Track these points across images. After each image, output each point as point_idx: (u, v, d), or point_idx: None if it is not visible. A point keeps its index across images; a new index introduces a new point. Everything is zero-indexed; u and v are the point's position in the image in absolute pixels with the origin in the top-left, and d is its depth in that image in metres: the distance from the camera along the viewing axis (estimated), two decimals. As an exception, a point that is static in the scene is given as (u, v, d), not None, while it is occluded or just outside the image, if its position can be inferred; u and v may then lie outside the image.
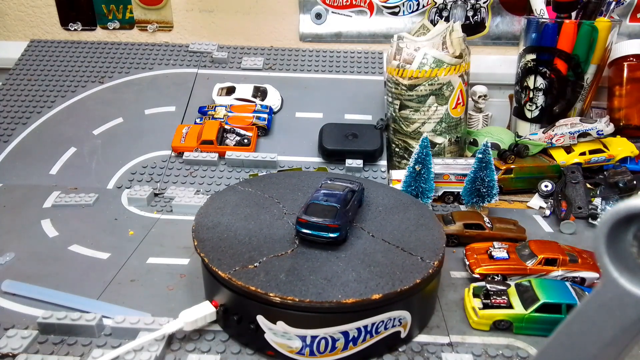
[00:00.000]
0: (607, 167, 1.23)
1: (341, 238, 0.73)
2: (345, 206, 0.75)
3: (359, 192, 0.84)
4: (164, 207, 1.10)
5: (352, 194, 0.80)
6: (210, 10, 1.58)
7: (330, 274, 0.67)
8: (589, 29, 1.25)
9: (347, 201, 0.77)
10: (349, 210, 0.76)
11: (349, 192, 0.79)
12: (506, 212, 1.12)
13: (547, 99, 1.35)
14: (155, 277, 0.86)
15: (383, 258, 0.71)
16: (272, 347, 0.68)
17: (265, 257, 0.71)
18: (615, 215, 0.31)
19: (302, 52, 1.57)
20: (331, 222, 0.71)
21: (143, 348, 0.67)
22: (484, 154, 1.01)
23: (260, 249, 0.73)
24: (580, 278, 0.83)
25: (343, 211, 0.74)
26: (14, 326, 0.73)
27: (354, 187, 0.82)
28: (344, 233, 0.73)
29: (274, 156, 1.21)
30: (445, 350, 0.71)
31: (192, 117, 1.35)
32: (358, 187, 0.84)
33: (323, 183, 0.83)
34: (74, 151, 1.26)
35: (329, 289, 0.65)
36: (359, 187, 0.84)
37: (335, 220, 0.72)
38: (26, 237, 0.97)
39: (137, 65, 1.49)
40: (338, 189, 0.79)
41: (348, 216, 0.75)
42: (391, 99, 1.25)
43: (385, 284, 0.66)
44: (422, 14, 1.54)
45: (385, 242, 0.75)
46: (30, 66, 1.48)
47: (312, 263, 0.70)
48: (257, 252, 0.72)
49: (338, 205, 0.74)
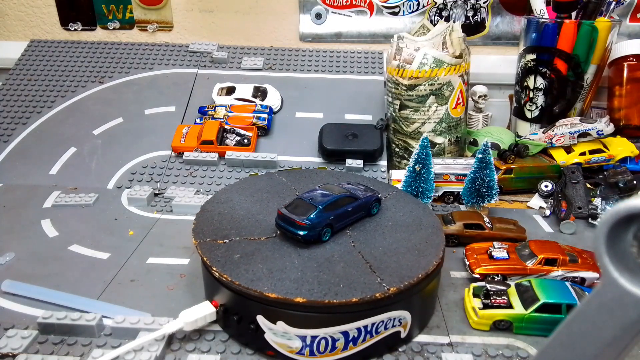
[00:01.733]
0: (607, 167, 1.23)
1: (309, 238, 0.72)
2: (332, 209, 0.74)
3: (364, 201, 0.80)
4: (164, 207, 1.10)
5: (349, 200, 0.78)
6: (210, 10, 1.58)
7: (276, 268, 0.69)
8: (589, 29, 1.25)
9: (335, 205, 0.75)
10: (335, 214, 0.75)
11: (345, 197, 0.77)
12: (506, 212, 1.12)
13: (547, 99, 1.35)
14: (155, 277, 0.86)
15: (341, 269, 0.69)
16: (272, 347, 0.68)
17: (238, 237, 0.75)
18: (615, 215, 0.31)
19: (302, 52, 1.57)
20: (301, 220, 0.72)
21: (143, 348, 0.67)
22: (484, 154, 1.01)
23: (241, 230, 0.77)
24: (580, 278, 0.83)
25: (323, 213, 0.73)
26: (14, 326, 0.73)
27: (359, 194, 0.80)
28: (313, 234, 0.72)
29: (274, 156, 1.21)
30: (445, 350, 0.71)
31: (192, 117, 1.35)
32: (366, 195, 0.81)
33: (327, 183, 0.83)
34: (74, 151, 1.26)
35: (263, 279, 0.66)
36: (368, 197, 0.81)
37: (306, 219, 0.72)
38: (26, 237, 0.97)
39: (137, 65, 1.49)
40: (334, 192, 0.78)
41: (329, 219, 0.74)
42: (391, 99, 1.25)
43: (318, 291, 0.64)
44: (422, 14, 1.54)
45: (359, 255, 0.72)
46: (30, 66, 1.48)
47: (271, 254, 0.72)
48: (236, 232, 0.77)
49: (320, 206, 0.73)
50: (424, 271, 0.69)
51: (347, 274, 0.68)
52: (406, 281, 0.67)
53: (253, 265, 0.69)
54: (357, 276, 0.67)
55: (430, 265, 0.70)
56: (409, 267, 0.70)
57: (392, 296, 0.65)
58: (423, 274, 0.68)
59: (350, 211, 0.78)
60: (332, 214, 0.74)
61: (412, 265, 0.70)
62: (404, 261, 0.71)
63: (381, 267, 0.70)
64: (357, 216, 0.80)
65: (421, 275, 0.68)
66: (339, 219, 0.76)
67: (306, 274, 0.68)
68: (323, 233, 0.74)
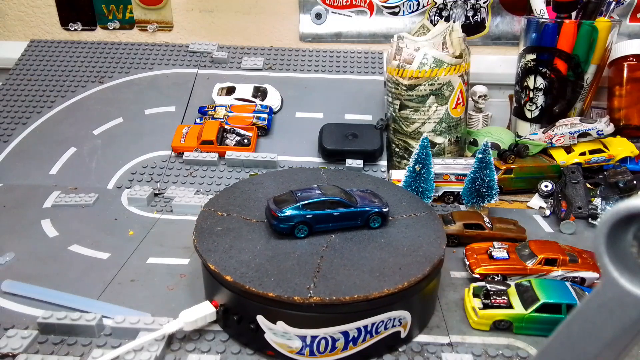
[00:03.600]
0: (607, 167, 1.23)
1: (280, 229, 0.75)
2: (313, 208, 0.75)
3: (357, 210, 0.77)
4: (164, 207, 1.10)
5: (338, 205, 0.76)
6: (210, 10, 1.58)
7: (237, 247, 0.73)
8: (589, 29, 1.25)
9: (319, 205, 0.75)
10: (315, 214, 0.75)
11: (334, 200, 0.76)
12: (506, 212, 1.12)
13: (547, 99, 1.35)
14: (155, 277, 0.86)
15: (287, 266, 0.69)
16: (272, 347, 0.68)
17: (236, 214, 0.82)
18: (615, 215, 0.31)
19: (302, 52, 1.57)
20: (276, 211, 0.75)
21: (143, 348, 0.67)
22: (484, 154, 1.01)
23: (245, 209, 0.83)
24: (580, 278, 0.83)
25: (300, 210, 0.74)
26: (14, 326, 0.73)
27: (357, 202, 0.78)
28: (284, 227, 0.74)
29: (274, 156, 1.21)
30: (445, 350, 0.71)
31: (192, 117, 1.35)
32: (364, 205, 0.78)
33: (328, 184, 0.82)
34: (74, 151, 1.26)
35: (217, 252, 0.71)
36: (366, 208, 0.77)
37: (280, 212, 0.74)
38: (26, 237, 0.97)
39: (137, 65, 1.49)
40: (327, 193, 0.77)
41: (306, 218, 0.74)
42: (391, 99, 1.25)
43: (242, 276, 0.66)
44: (422, 14, 1.54)
45: (318, 259, 0.71)
46: (30, 66, 1.48)
47: (245, 235, 0.76)
48: (240, 209, 0.83)
49: (300, 203, 0.75)
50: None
51: (285, 271, 0.68)
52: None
53: (222, 239, 0.74)
54: (291, 277, 0.66)
55: (374, 294, 0.65)
56: (364, 288, 0.65)
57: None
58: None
59: (336, 216, 0.76)
60: (311, 213, 0.75)
61: (368, 286, 0.65)
62: (354, 278, 0.67)
63: (326, 277, 0.67)
64: (346, 223, 0.78)
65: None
66: (320, 220, 0.76)
67: (255, 259, 0.70)
68: (297, 229, 0.75)
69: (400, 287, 0.66)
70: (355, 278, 0.67)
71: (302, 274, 0.68)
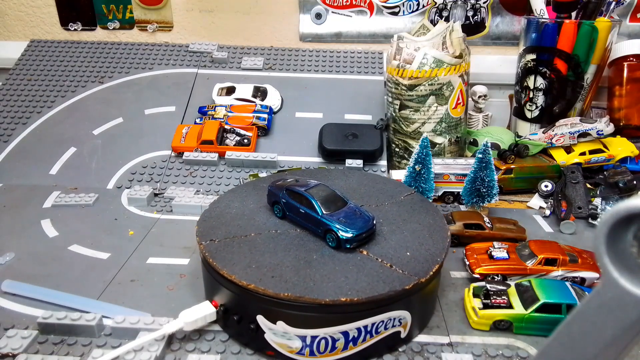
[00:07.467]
0: (607, 167, 1.23)
1: (267, 201, 0.83)
2: (289, 196, 0.78)
3: (316, 218, 0.74)
4: (164, 207, 1.10)
5: (307, 203, 0.75)
6: (210, 10, 1.58)
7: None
8: (589, 29, 1.25)
9: (294, 195, 0.78)
10: (289, 201, 0.78)
11: (306, 198, 0.75)
12: (506, 212, 1.12)
13: (547, 99, 1.35)
14: (155, 277, 0.86)
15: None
16: (272, 347, 0.68)
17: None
18: (615, 215, 0.31)
19: (302, 52, 1.57)
20: (271, 185, 0.82)
21: (143, 348, 0.67)
22: (484, 154, 1.01)
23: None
24: (580, 278, 0.83)
25: (278, 190, 0.80)
26: (14, 326, 0.73)
27: (323, 212, 0.74)
28: (267, 198, 0.83)
29: (274, 156, 1.21)
30: (445, 350, 0.71)
31: (192, 117, 1.35)
32: (325, 218, 0.73)
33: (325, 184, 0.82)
34: (74, 151, 1.26)
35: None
36: (325, 221, 0.73)
37: (271, 187, 0.82)
38: (26, 237, 0.97)
39: (137, 65, 1.49)
40: (312, 191, 0.77)
41: (282, 201, 0.79)
42: (391, 99, 1.25)
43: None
44: (422, 14, 1.54)
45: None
46: (30, 66, 1.48)
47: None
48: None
49: (284, 188, 0.79)
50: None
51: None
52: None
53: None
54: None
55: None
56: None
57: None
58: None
59: (302, 213, 0.77)
60: (285, 199, 0.79)
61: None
62: (354, 278, 0.67)
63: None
64: (309, 225, 0.76)
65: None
66: (290, 209, 0.79)
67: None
68: (275, 207, 0.82)
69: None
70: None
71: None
